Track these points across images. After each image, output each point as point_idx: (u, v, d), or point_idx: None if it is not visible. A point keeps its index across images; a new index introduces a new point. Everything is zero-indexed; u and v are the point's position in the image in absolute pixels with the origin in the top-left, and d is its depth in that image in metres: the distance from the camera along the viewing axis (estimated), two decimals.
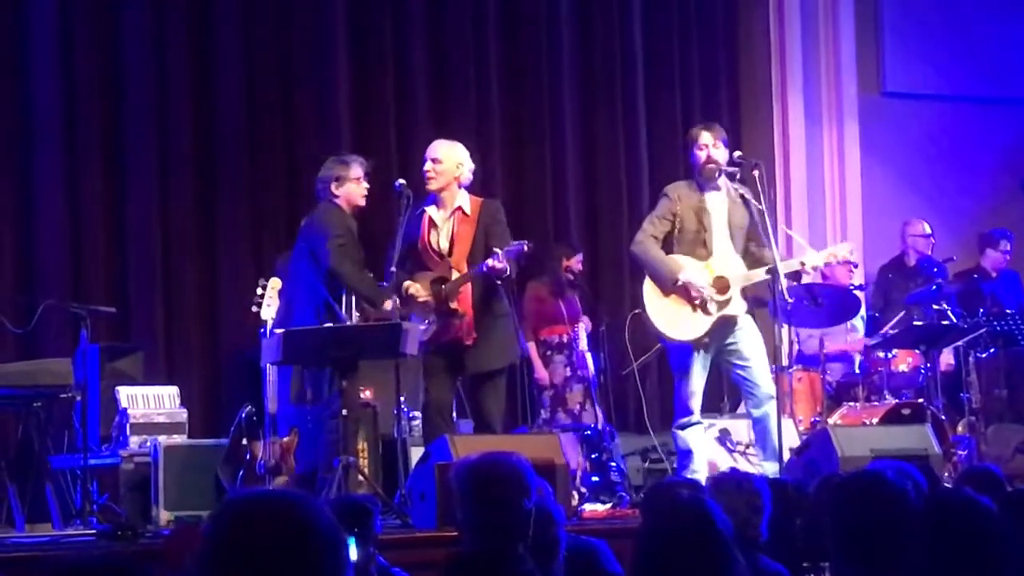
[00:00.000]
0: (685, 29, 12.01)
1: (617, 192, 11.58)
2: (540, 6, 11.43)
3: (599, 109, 11.65)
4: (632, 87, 11.69)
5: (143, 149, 10.03)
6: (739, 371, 8.13)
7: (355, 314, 7.71)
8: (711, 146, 8.15)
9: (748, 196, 8.17)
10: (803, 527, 4.87)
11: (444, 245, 7.88)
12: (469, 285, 7.77)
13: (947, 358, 10.14)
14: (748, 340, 8.07)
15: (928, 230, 11.13)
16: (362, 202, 7.92)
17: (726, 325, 8.08)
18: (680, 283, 8.02)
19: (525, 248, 7.64)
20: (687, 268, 8.04)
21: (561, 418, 9.85)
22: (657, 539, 3.67)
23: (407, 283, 7.79)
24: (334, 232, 7.67)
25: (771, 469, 7.80)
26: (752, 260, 8.13)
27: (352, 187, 7.84)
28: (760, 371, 8.04)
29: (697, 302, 8.00)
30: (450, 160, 7.92)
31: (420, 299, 7.75)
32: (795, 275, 8.21)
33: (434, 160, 7.91)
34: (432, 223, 7.90)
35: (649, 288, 8.19)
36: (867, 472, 4.15)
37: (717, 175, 8.13)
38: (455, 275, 7.79)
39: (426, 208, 7.91)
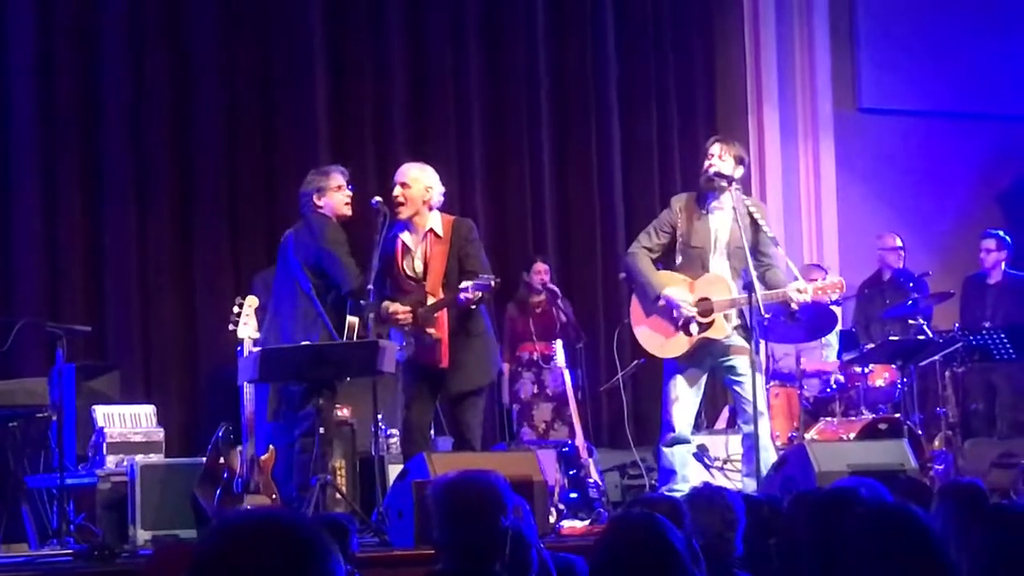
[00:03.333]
0: (660, 45, 12.04)
1: (591, 211, 11.60)
2: (518, 23, 11.45)
3: (575, 127, 11.67)
4: (607, 105, 11.72)
5: (120, 167, 10.02)
6: (734, 386, 8.12)
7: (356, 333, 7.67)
8: (716, 157, 8.11)
9: (756, 215, 8.11)
10: (778, 544, 4.87)
11: (419, 268, 7.80)
12: (444, 309, 7.74)
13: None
14: (741, 358, 8.04)
15: (898, 243, 11.14)
16: (346, 211, 7.89)
17: (711, 346, 8.05)
18: (661, 302, 8.01)
19: (492, 284, 7.55)
20: (669, 288, 8.02)
21: (526, 434, 9.91)
22: (608, 556, 3.69)
23: (386, 302, 7.75)
24: (344, 252, 7.67)
25: (751, 487, 7.80)
26: (763, 283, 8.00)
27: (335, 196, 7.83)
28: (750, 389, 7.98)
29: (679, 323, 7.98)
30: (419, 184, 7.80)
31: (400, 317, 7.70)
32: (783, 305, 8.09)
33: (403, 184, 7.80)
34: (405, 248, 7.83)
35: (635, 303, 8.19)
36: (840, 488, 4.16)
37: (717, 188, 8.09)
38: (430, 300, 7.75)
39: (399, 234, 7.85)
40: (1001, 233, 11.09)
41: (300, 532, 2.37)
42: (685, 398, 8.07)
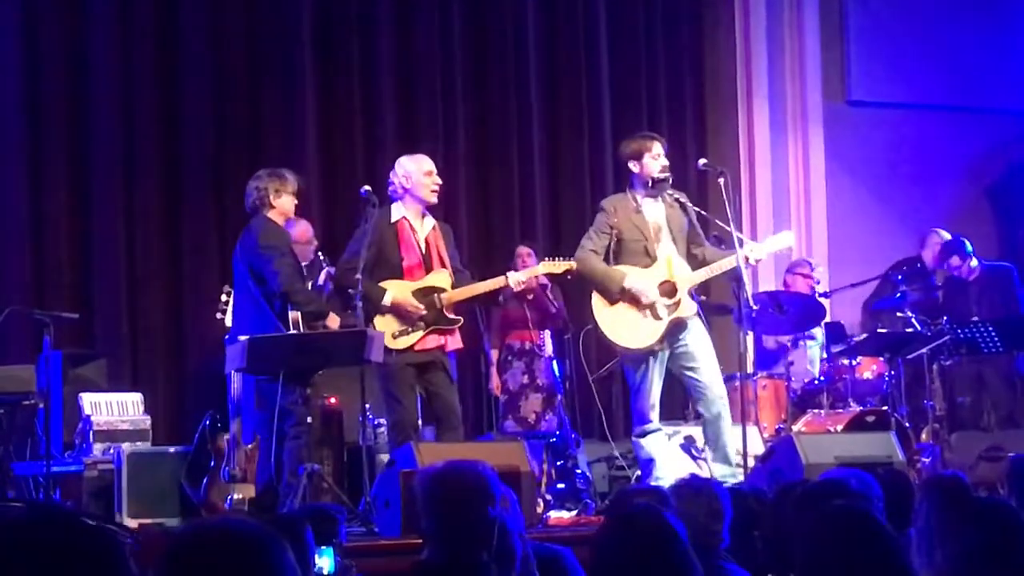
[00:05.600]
0: (651, 37, 12.03)
1: (582, 203, 11.57)
2: (507, 16, 11.43)
3: (565, 119, 11.65)
4: (598, 97, 11.71)
5: (108, 155, 10.00)
6: (688, 373, 8.14)
7: (303, 328, 7.70)
8: (663, 156, 8.16)
9: (683, 199, 8.20)
10: (765, 536, 4.88)
11: (423, 253, 7.97)
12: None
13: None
14: (696, 342, 8.10)
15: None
16: (292, 214, 8.04)
17: (678, 327, 8.10)
18: (626, 290, 8.04)
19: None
20: (631, 275, 8.06)
21: (510, 424, 9.90)
22: (614, 548, 3.68)
23: (397, 298, 7.80)
24: (278, 252, 7.68)
25: (720, 471, 7.83)
26: (696, 262, 8.14)
27: (288, 200, 7.89)
28: (708, 372, 8.06)
29: (646, 306, 8.02)
30: None
31: (418, 313, 7.79)
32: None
33: (438, 174, 8.06)
34: (413, 230, 7.97)
35: (597, 301, 8.19)
36: (829, 480, 4.16)
37: (664, 188, 8.15)
38: (447, 286, 7.90)
39: (403, 217, 7.94)
40: (964, 241, 10.98)
41: (252, 537, 2.37)
42: (651, 385, 8.11)
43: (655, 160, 8.13)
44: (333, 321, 7.84)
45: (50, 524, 2.23)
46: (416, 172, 7.99)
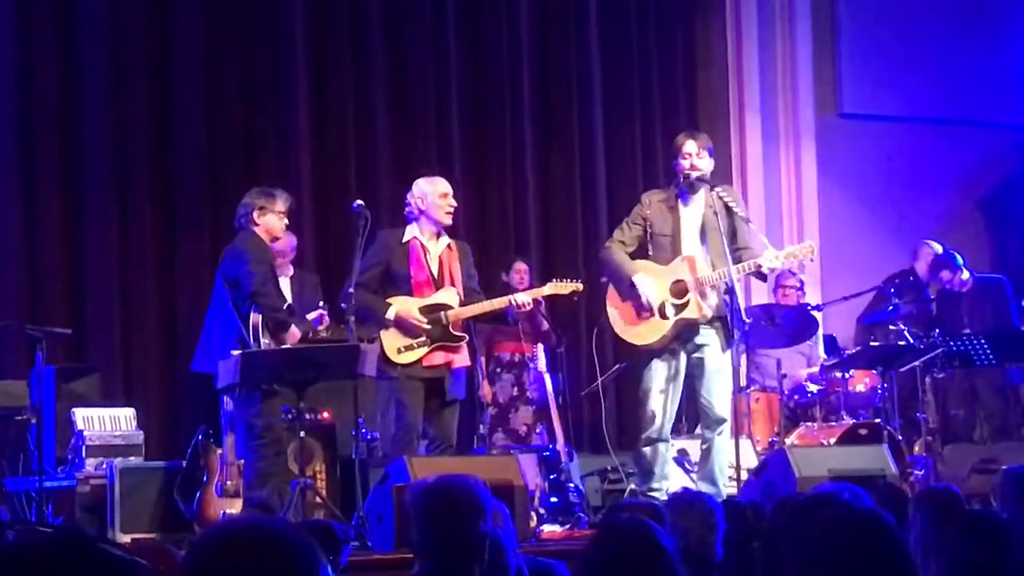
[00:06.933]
0: (644, 50, 12.04)
1: (573, 217, 11.59)
2: (501, 27, 11.44)
3: (558, 133, 11.66)
4: (590, 111, 11.71)
5: (100, 170, 9.98)
6: (694, 386, 8.14)
7: (263, 342, 7.69)
8: (694, 155, 8.18)
9: (728, 201, 8.16)
10: (761, 549, 4.87)
11: (435, 272, 8.02)
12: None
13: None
14: (711, 358, 8.06)
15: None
16: (281, 234, 8.05)
17: (689, 330, 8.07)
18: (634, 285, 8.04)
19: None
20: (642, 272, 8.07)
21: (499, 438, 9.87)
22: (601, 563, 3.68)
23: (400, 312, 7.84)
24: (256, 260, 7.71)
25: (703, 490, 7.80)
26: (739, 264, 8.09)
27: (273, 219, 7.89)
28: (710, 392, 8.04)
29: (655, 307, 8.02)
30: None
31: (421, 326, 7.82)
32: (757, 274, 8.19)
33: (453, 196, 8.11)
34: (425, 249, 8.02)
35: (611, 293, 8.24)
36: (824, 493, 4.15)
37: (699, 187, 8.15)
38: (455, 303, 7.94)
39: (419, 238, 7.99)
40: (954, 254, 10.98)
41: (290, 542, 2.36)
42: (662, 393, 8.08)
43: (684, 159, 8.18)
44: (293, 337, 7.83)
45: (72, 550, 2.24)
46: (432, 194, 8.04)
